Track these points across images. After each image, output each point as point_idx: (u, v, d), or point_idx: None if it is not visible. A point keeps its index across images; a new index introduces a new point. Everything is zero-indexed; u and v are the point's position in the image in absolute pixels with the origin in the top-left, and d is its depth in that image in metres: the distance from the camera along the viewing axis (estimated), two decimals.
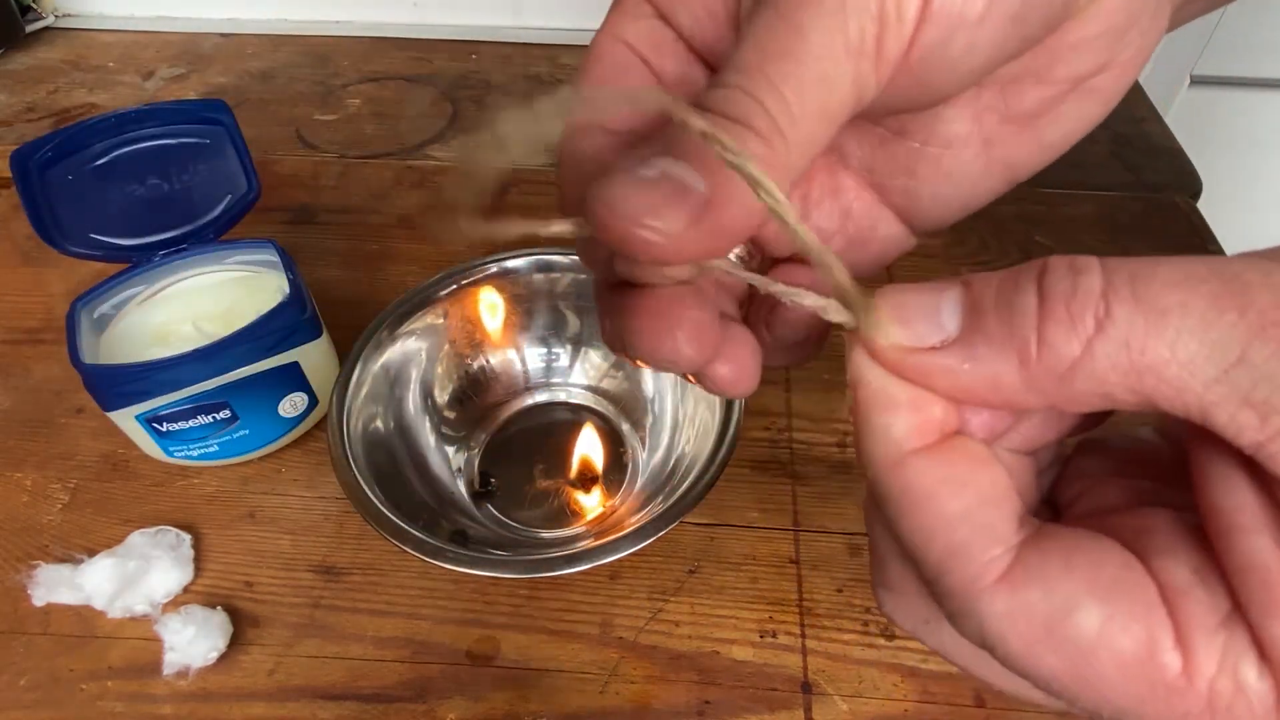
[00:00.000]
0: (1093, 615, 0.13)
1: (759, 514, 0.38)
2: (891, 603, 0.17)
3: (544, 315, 0.42)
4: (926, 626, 0.17)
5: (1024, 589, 0.14)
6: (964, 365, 0.14)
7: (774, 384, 0.43)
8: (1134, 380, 0.12)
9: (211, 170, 0.41)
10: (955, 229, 0.52)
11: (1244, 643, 0.13)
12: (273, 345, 0.37)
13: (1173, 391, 0.12)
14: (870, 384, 0.15)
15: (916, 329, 0.14)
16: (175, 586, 0.35)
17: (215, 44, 0.70)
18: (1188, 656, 0.13)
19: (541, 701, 0.33)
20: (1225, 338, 0.12)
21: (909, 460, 0.14)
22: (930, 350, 0.14)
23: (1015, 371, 0.13)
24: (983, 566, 0.14)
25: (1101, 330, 0.12)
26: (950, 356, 0.14)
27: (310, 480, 0.40)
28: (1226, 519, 0.13)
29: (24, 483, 0.40)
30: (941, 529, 0.14)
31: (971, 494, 0.14)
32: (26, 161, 0.37)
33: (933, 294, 0.14)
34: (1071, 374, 0.13)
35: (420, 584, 0.36)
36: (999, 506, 0.14)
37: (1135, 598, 0.13)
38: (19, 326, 0.47)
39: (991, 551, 0.14)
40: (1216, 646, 0.13)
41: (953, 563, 0.14)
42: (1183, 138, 0.60)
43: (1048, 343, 0.13)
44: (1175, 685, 0.13)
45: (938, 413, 0.15)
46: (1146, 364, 0.12)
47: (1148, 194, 0.55)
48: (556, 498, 0.39)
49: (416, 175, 0.56)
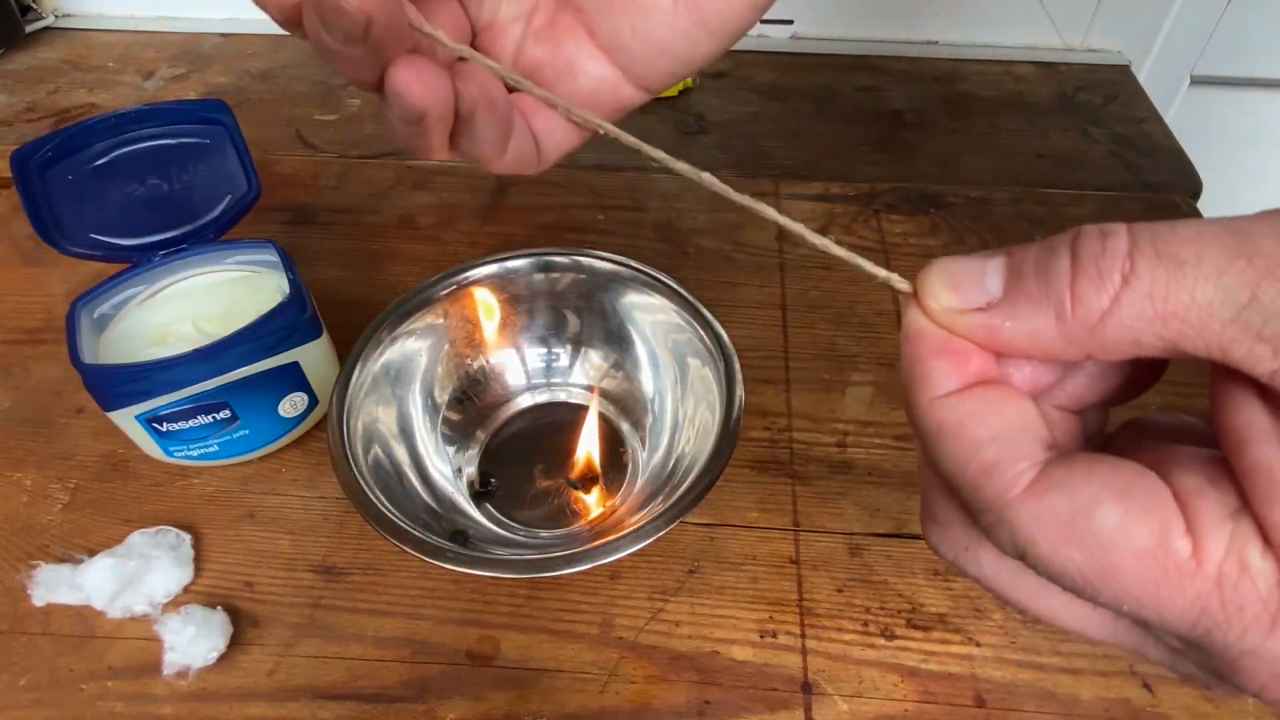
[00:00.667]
0: (1112, 511, 0.15)
1: (759, 514, 0.38)
2: (937, 534, 0.19)
3: (544, 315, 0.42)
4: (966, 554, 0.18)
5: (1049, 494, 0.15)
6: (1006, 323, 0.16)
7: (774, 384, 0.43)
8: (1159, 326, 0.14)
9: (211, 170, 0.41)
10: (955, 229, 0.52)
11: (1249, 530, 0.14)
12: (273, 345, 0.37)
13: (1194, 332, 0.14)
14: (920, 336, 0.17)
15: (965, 292, 0.16)
16: (175, 586, 0.35)
17: (215, 44, 0.70)
18: (1197, 543, 0.14)
19: (541, 701, 0.33)
20: (1237, 282, 0.13)
21: (945, 399, 0.16)
22: (977, 311, 0.16)
23: (1052, 326, 0.15)
24: (1012, 479, 0.15)
25: (1127, 284, 0.14)
26: (995, 315, 0.16)
27: (310, 480, 0.40)
28: (1239, 433, 0.14)
29: (24, 483, 0.40)
30: (973, 452, 0.16)
31: (997, 421, 0.16)
32: (26, 161, 0.37)
33: (980, 261, 0.16)
34: (1102, 324, 0.14)
35: (420, 584, 0.36)
36: (1025, 431, 0.16)
37: (1151, 495, 0.15)
38: (19, 326, 0.47)
39: (1018, 466, 0.15)
40: (1224, 534, 0.14)
41: (985, 479, 0.16)
42: (1183, 138, 0.60)
43: (1079, 298, 0.15)
44: (1186, 568, 0.14)
45: (976, 362, 0.16)
46: (1170, 310, 0.14)
47: (1148, 194, 0.55)
48: (556, 498, 0.39)
49: (416, 175, 0.56)
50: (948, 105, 0.64)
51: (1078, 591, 0.15)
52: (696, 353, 0.38)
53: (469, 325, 0.41)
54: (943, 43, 0.70)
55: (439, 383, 0.41)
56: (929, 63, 0.68)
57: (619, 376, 0.42)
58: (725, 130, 0.61)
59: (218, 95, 0.63)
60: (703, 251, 0.51)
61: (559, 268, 0.41)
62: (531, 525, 0.38)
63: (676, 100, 0.63)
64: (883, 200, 0.55)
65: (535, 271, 0.41)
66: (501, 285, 0.41)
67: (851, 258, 0.19)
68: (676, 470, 0.36)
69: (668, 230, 0.52)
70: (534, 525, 0.38)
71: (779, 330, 0.46)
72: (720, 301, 0.47)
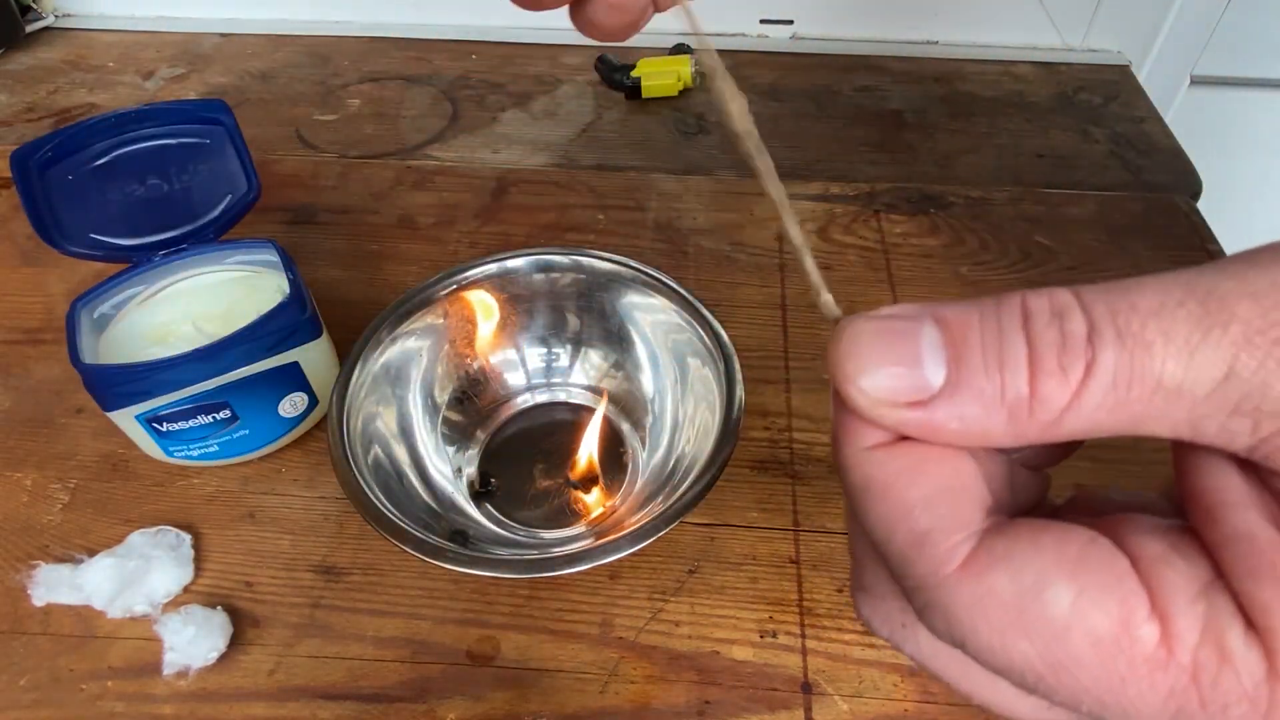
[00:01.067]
0: (1063, 592, 0.12)
1: (759, 514, 0.38)
2: (869, 607, 0.17)
3: (544, 315, 0.42)
4: (903, 631, 0.16)
5: (989, 573, 0.13)
6: (951, 424, 0.13)
7: (774, 384, 0.43)
8: (1120, 414, 0.12)
9: (211, 170, 0.41)
10: (955, 229, 0.52)
11: (1227, 609, 0.12)
12: (273, 345, 0.37)
13: (1159, 414, 0.12)
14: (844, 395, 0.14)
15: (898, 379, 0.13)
16: (175, 586, 0.35)
17: (215, 44, 0.70)
18: (1166, 626, 0.12)
19: (541, 701, 0.33)
20: (1211, 359, 0.12)
21: (874, 453, 0.14)
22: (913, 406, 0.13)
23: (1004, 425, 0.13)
24: (945, 553, 0.13)
25: (1090, 374, 0.12)
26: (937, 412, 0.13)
27: (310, 480, 0.40)
28: (1212, 496, 0.13)
29: (24, 483, 0.40)
30: (902, 517, 0.14)
31: (930, 481, 0.14)
32: (26, 162, 0.37)
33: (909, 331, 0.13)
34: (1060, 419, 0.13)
35: (420, 584, 0.36)
36: (962, 493, 0.14)
37: (1107, 569, 0.13)
38: (19, 326, 0.47)
39: (953, 538, 0.13)
40: (1197, 614, 0.12)
41: (915, 551, 0.14)
42: (1183, 138, 0.60)
43: (1040, 398, 0.13)
44: (1155, 659, 0.12)
45: None
46: (1135, 397, 0.12)
47: (1148, 194, 0.55)
48: (556, 498, 0.39)
49: (416, 175, 0.56)
50: (948, 105, 0.64)
51: (1028, 688, 0.13)
52: (696, 353, 0.38)
53: (469, 325, 0.41)
54: (943, 43, 0.70)
55: (439, 383, 0.41)
56: (929, 63, 0.68)
57: (619, 376, 0.42)
58: (725, 130, 0.61)
59: (218, 95, 0.63)
60: (703, 251, 0.51)
61: (559, 268, 0.41)
62: (531, 525, 0.38)
63: (676, 100, 0.63)
64: (883, 200, 0.55)
65: (535, 271, 0.41)
66: (501, 285, 0.41)
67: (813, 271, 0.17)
68: (676, 470, 0.36)
69: (668, 230, 0.52)
70: (534, 525, 0.38)
71: (779, 330, 0.46)
72: (720, 301, 0.47)
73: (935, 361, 0.13)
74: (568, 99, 0.64)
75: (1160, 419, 0.12)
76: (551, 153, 0.59)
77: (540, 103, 0.64)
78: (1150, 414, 0.12)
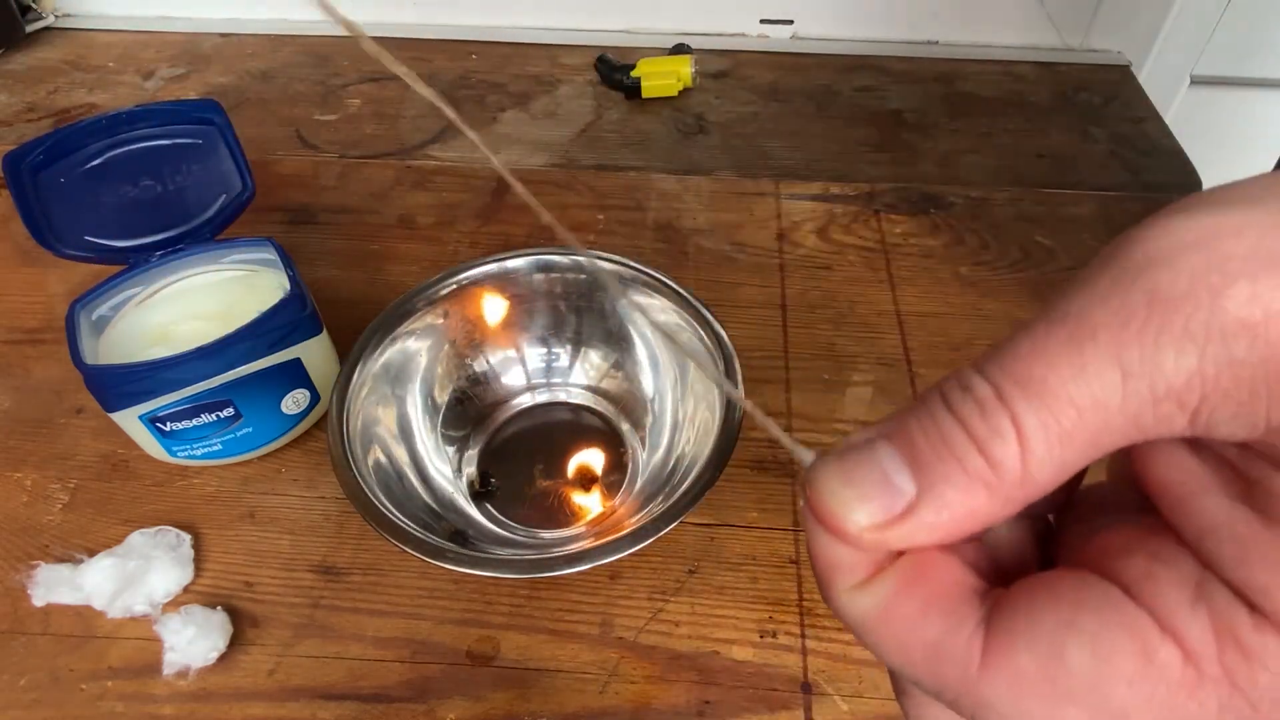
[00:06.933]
0: (1080, 647, 0.13)
1: (759, 514, 0.38)
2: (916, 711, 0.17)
3: (544, 315, 0.42)
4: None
5: (1011, 656, 0.13)
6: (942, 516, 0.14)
7: (774, 384, 0.43)
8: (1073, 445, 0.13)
9: (205, 170, 0.41)
10: (955, 229, 0.52)
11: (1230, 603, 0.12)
12: (275, 342, 0.37)
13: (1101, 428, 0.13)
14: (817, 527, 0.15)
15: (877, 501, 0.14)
16: (175, 586, 0.35)
17: (215, 44, 0.70)
18: (1181, 642, 0.12)
19: (541, 701, 0.33)
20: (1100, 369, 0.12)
21: (857, 592, 0.15)
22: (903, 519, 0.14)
23: (984, 498, 0.13)
24: (965, 654, 0.14)
25: (1019, 425, 0.13)
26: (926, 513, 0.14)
27: (310, 480, 0.40)
28: (1176, 489, 0.13)
29: (24, 483, 0.40)
30: (910, 635, 0.14)
31: (924, 591, 0.14)
32: (19, 165, 0.37)
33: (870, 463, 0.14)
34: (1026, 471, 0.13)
35: (420, 584, 0.36)
36: (955, 590, 0.14)
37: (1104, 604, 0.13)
38: (19, 326, 0.47)
39: (963, 634, 0.14)
40: (1203, 620, 0.12)
41: (936, 664, 0.14)
42: (1183, 138, 0.60)
43: (994, 460, 0.13)
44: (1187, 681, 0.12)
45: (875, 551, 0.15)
46: (1066, 429, 0.13)
47: (1148, 194, 0.55)
48: (556, 498, 0.39)
49: (416, 175, 0.56)
50: (948, 105, 0.64)
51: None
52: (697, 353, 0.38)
53: (469, 325, 0.41)
54: (943, 43, 0.70)
55: (439, 383, 0.41)
56: (929, 63, 0.68)
57: (619, 376, 0.42)
58: (725, 130, 0.61)
59: (218, 95, 0.63)
60: (703, 251, 0.51)
61: (559, 268, 0.41)
62: (531, 525, 0.38)
63: (676, 100, 0.63)
64: (883, 200, 0.55)
65: (535, 271, 0.41)
66: (501, 285, 0.41)
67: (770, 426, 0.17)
68: (676, 470, 0.36)
69: (668, 230, 0.52)
70: (534, 525, 0.38)
71: (779, 330, 0.46)
72: (720, 301, 0.47)
73: (901, 474, 0.14)
74: (568, 99, 0.64)
75: (1107, 432, 0.13)
76: (551, 153, 0.59)
77: (540, 103, 0.64)
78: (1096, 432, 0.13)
